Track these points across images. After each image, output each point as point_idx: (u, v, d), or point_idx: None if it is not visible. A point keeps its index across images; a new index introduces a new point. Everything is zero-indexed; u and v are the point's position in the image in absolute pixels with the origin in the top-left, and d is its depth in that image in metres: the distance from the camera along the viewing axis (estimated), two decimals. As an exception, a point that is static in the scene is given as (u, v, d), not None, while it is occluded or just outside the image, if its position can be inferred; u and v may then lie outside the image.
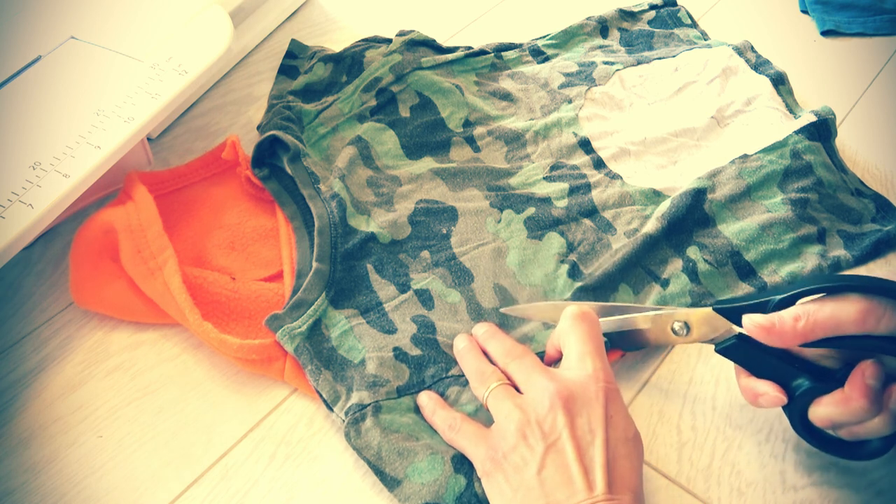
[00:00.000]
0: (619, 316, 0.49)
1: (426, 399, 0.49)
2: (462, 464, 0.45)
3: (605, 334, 0.49)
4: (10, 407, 0.50)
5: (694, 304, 0.54)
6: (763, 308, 0.44)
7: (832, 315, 0.41)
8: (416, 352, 0.51)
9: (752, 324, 0.43)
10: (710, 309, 0.47)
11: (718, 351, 0.46)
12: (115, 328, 0.54)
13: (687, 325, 0.48)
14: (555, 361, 0.49)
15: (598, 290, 0.54)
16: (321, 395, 0.49)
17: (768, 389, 0.45)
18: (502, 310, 0.53)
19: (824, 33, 0.81)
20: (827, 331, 0.41)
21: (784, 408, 0.46)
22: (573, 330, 0.46)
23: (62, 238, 0.59)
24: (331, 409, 0.49)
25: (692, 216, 0.58)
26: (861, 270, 0.58)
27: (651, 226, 0.57)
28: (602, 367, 0.44)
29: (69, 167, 0.52)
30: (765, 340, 0.43)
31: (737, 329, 0.46)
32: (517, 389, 0.46)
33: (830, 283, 0.42)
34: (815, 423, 0.44)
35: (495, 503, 0.43)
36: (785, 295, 0.43)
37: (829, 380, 0.43)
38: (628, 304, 0.50)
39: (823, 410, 0.43)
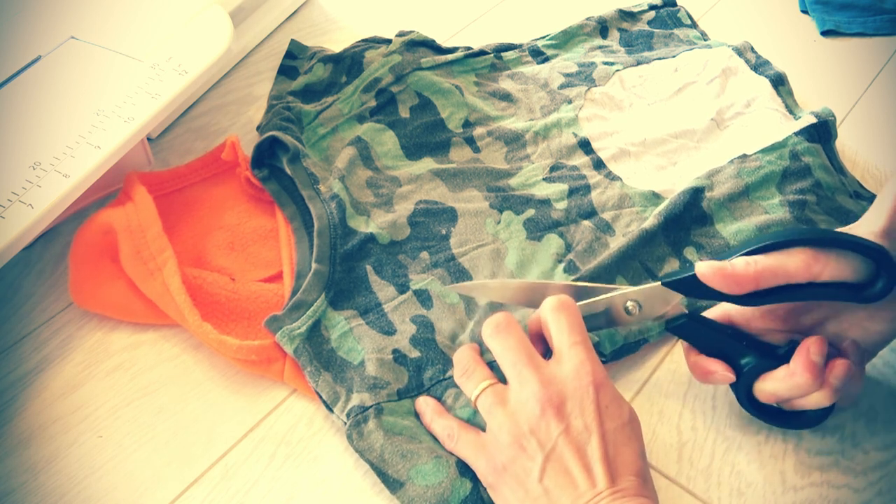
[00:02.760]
0: (577, 303, 0.49)
1: (423, 405, 0.49)
2: (467, 468, 0.45)
3: None
4: (10, 407, 0.50)
5: (689, 305, 0.54)
6: None
7: (780, 264, 0.43)
8: (415, 354, 0.51)
9: (709, 267, 0.44)
10: (658, 283, 0.47)
11: (669, 329, 0.48)
12: (115, 328, 0.54)
13: (639, 304, 0.48)
14: (535, 341, 0.48)
15: (595, 282, 0.54)
16: (321, 397, 0.49)
17: (718, 368, 0.47)
18: (447, 287, 0.53)
19: (824, 33, 0.81)
20: (777, 278, 0.43)
21: (731, 384, 0.48)
22: (556, 320, 0.45)
23: (62, 238, 0.59)
24: (331, 410, 0.49)
25: (690, 213, 0.58)
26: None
27: (649, 222, 0.57)
28: (588, 356, 0.44)
29: (69, 167, 0.52)
30: (720, 285, 0.44)
31: (685, 309, 0.48)
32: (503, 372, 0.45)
33: (775, 240, 0.44)
34: (760, 399, 0.47)
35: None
36: (735, 255, 0.45)
37: (774, 357, 0.46)
38: (584, 284, 0.50)
39: (769, 386, 0.46)
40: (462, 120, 0.66)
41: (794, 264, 0.43)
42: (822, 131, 0.64)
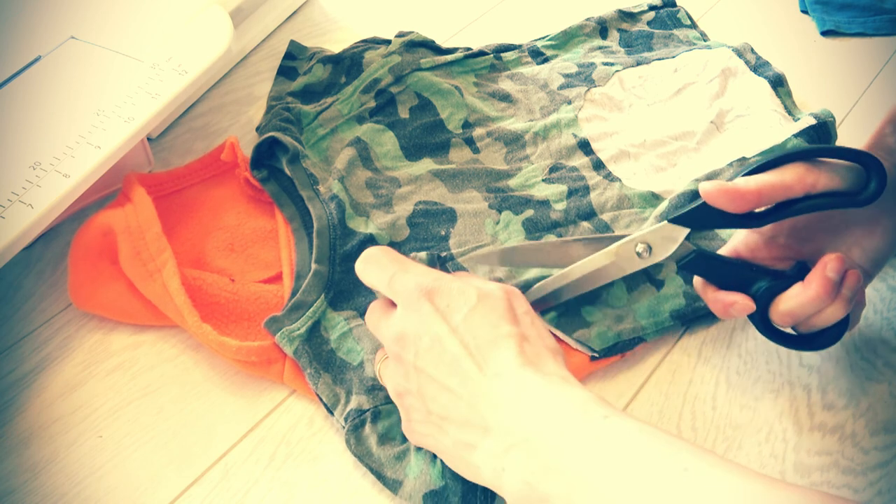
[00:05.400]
0: (588, 257, 0.49)
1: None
2: None
3: (564, 288, 0.50)
4: (10, 407, 0.50)
5: (689, 306, 0.54)
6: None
7: (779, 178, 0.45)
8: None
9: (713, 186, 0.45)
10: (665, 222, 0.48)
11: (681, 267, 0.49)
12: (115, 328, 0.54)
13: (649, 246, 0.49)
14: None
15: (595, 284, 0.54)
16: (321, 399, 0.49)
17: (737, 298, 0.47)
18: (465, 258, 0.54)
19: (824, 33, 0.81)
20: (777, 192, 0.45)
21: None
22: (367, 273, 0.47)
23: (62, 238, 0.59)
24: (331, 412, 0.49)
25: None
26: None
27: (648, 225, 0.57)
28: (410, 275, 0.44)
29: (69, 167, 0.52)
30: (724, 203, 0.45)
31: (692, 245, 0.48)
32: None
33: (769, 159, 0.46)
34: (777, 321, 0.48)
35: (441, 457, 0.43)
36: (733, 178, 0.46)
37: (784, 278, 0.47)
38: (597, 235, 0.50)
39: (784, 305, 0.47)
40: (461, 121, 0.66)
41: (791, 177, 0.45)
42: (821, 133, 0.64)
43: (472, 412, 0.39)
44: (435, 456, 0.45)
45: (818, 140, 0.64)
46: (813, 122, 0.64)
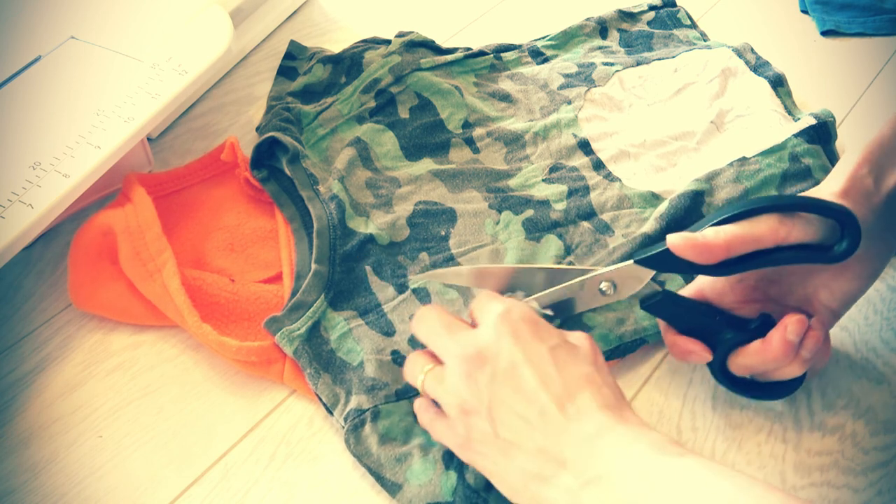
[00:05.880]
0: (548, 290, 0.49)
1: (417, 405, 0.48)
2: (451, 459, 0.46)
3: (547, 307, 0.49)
4: (10, 407, 0.50)
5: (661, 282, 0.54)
6: None
7: (749, 231, 0.44)
8: None
9: (680, 238, 0.45)
10: (631, 262, 0.48)
11: (644, 308, 0.48)
12: (115, 328, 0.54)
13: (613, 284, 0.48)
14: None
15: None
16: (321, 399, 0.49)
17: (696, 348, 0.48)
18: (420, 276, 0.53)
19: (824, 33, 0.81)
20: (746, 244, 0.44)
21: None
22: (475, 307, 0.46)
23: (62, 238, 0.59)
24: (331, 412, 0.49)
25: (690, 218, 0.58)
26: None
27: (649, 226, 0.57)
28: (502, 308, 0.44)
29: (69, 167, 0.52)
30: (692, 255, 0.45)
31: (660, 287, 0.48)
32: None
33: (741, 210, 0.45)
34: (735, 372, 0.48)
35: (494, 480, 0.43)
36: (704, 226, 0.46)
37: (747, 331, 0.47)
38: (559, 267, 0.50)
39: (744, 360, 0.47)
40: (461, 121, 0.66)
41: (762, 230, 0.44)
42: (821, 132, 0.64)
43: (549, 444, 0.40)
44: (452, 469, 0.45)
45: (818, 140, 0.64)
46: (813, 122, 0.64)
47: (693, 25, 0.80)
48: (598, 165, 0.63)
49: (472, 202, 0.60)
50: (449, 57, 0.71)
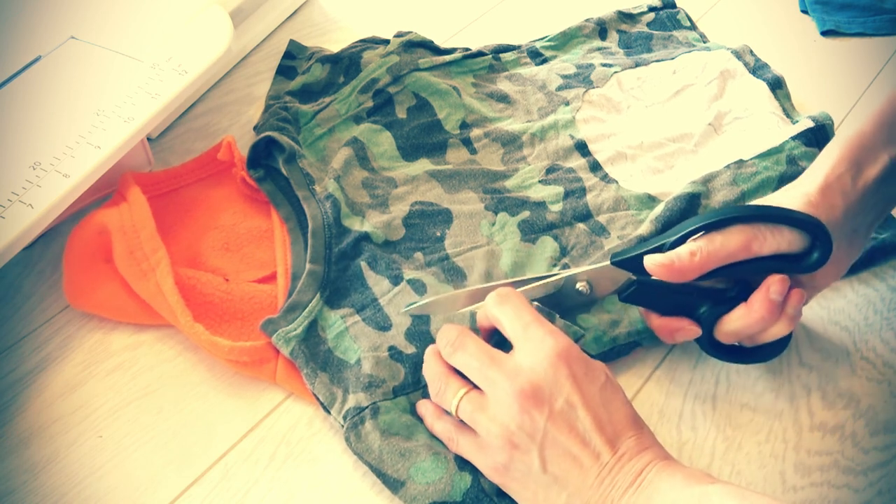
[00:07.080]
0: (531, 285, 0.49)
1: (423, 409, 0.48)
2: (465, 461, 0.45)
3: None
4: (10, 407, 0.50)
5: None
6: (659, 251, 0.47)
7: (722, 246, 0.45)
8: (410, 349, 0.51)
9: (654, 263, 0.46)
10: (608, 263, 0.49)
11: (622, 300, 0.49)
12: (114, 328, 0.54)
13: (590, 284, 0.49)
14: (490, 333, 0.48)
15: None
16: (318, 399, 0.49)
17: (683, 325, 0.49)
18: (403, 310, 0.52)
19: (824, 33, 0.81)
20: (720, 260, 0.46)
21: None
22: (503, 313, 0.45)
23: (62, 238, 0.59)
24: (328, 411, 0.49)
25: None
26: (855, 280, 0.58)
27: (645, 228, 0.57)
28: (546, 331, 0.44)
29: (69, 167, 0.52)
30: (668, 277, 0.46)
31: (633, 276, 0.49)
32: (474, 385, 0.45)
33: (714, 219, 0.46)
34: (722, 340, 0.49)
35: (524, 498, 0.43)
36: (677, 236, 0.47)
37: (726, 300, 0.48)
38: (529, 277, 0.50)
39: (730, 326, 0.47)
40: (459, 121, 0.66)
41: (735, 244, 0.45)
42: (819, 135, 0.64)
43: (597, 485, 0.41)
44: (467, 471, 0.45)
45: (816, 143, 0.63)
46: (811, 124, 0.64)
47: (693, 27, 0.80)
48: (595, 167, 0.63)
49: (469, 203, 0.60)
50: (447, 57, 0.71)
